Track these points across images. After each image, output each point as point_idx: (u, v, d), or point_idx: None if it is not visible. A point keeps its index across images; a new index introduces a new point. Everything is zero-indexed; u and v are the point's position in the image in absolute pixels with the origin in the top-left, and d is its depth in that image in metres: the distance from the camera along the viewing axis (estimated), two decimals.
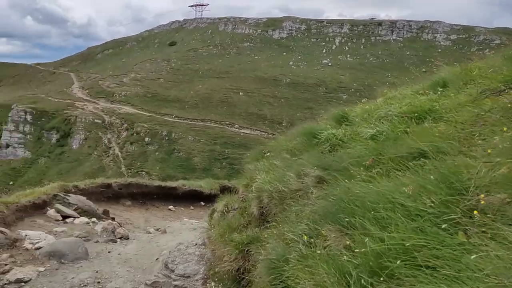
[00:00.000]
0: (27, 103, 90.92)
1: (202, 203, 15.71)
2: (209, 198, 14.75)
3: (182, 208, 15.10)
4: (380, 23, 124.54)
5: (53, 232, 9.29)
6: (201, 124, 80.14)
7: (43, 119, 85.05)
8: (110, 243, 9.28)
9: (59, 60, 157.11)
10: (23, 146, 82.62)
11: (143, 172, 68.60)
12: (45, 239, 8.37)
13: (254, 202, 5.32)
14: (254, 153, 7.81)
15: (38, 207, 10.58)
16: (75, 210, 11.16)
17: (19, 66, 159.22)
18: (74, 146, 77.81)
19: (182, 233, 10.18)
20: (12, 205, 9.57)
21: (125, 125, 79.94)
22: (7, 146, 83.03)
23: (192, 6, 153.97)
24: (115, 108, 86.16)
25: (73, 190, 12.59)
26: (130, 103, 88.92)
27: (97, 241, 9.26)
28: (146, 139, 75.23)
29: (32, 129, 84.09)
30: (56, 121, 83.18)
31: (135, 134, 76.84)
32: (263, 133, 79.06)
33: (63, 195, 11.59)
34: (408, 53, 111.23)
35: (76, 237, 9.07)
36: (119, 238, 9.77)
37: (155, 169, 68.87)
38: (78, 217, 10.87)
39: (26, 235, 8.42)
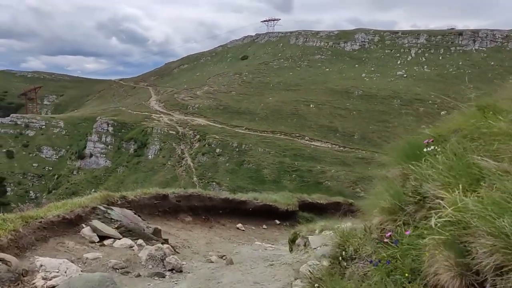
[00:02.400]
0: (109, 115, 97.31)
1: (277, 221, 13.39)
2: (285, 216, 12.92)
3: (253, 227, 12.65)
4: (460, 33, 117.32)
5: (82, 260, 7.14)
6: (271, 136, 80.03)
7: (123, 131, 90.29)
8: (156, 278, 6.94)
9: (139, 75, 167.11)
10: (104, 155, 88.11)
11: (214, 183, 69.69)
12: (65, 272, 6.19)
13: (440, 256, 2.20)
14: (402, 146, 4.01)
15: (70, 224, 8.18)
16: (117, 228, 8.70)
17: (105, 82, 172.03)
18: (149, 156, 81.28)
19: (254, 269, 7.73)
20: (34, 222, 7.26)
21: (198, 136, 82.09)
22: (91, 155, 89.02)
23: (264, 21, 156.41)
24: (188, 120, 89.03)
25: (119, 201, 10.05)
26: (203, 115, 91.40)
27: (139, 275, 6.91)
28: (217, 150, 76.52)
29: (113, 139, 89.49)
30: (134, 132, 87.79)
31: (206, 145, 78.54)
32: (334, 145, 77.06)
33: (104, 209, 9.11)
34: (492, 63, 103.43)
35: (111, 268, 6.99)
36: (169, 270, 7.41)
37: (226, 180, 69.63)
38: (119, 238, 8.50)
39: (42, 265, 6.23)
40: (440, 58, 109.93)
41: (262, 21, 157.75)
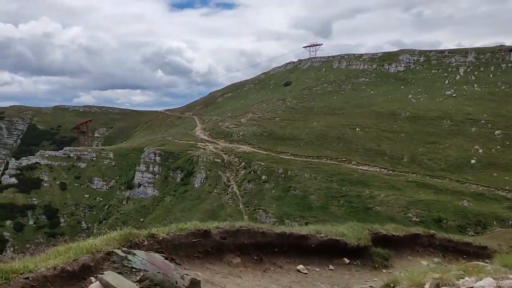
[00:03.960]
0: (156, 145, 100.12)
1: (346, 260, 10.82)
2: (355, 252, 10.58)
3: (317, 269, 10.23)
4: (511, 49, 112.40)
5: None
6: (316, 161, 78.96)
7: (169, 160, 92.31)
8: None
9: (185, 105, 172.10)
10: (152, 185, 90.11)
11: (260, 210, 69.21)
12: None
13: None
14: None
15: (73, 278, 6.01)
16: (139, 282, 6.16)
17: (151, 113, 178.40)
18: (196, 185, 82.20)
19: None
20: (17, 277, 5.30)
21: (243, 163, 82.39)
22: (139, 185, 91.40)
23: (306, 46, 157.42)
24: (233, 148, 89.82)
25: (145, 242, 7.87)
26: (248, 142, 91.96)
27: None
28: (263, 177, 76.29)
29: (160, 169, 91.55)
30: (180, 161, 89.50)
31: (252, 172, 78.57)
32: (383, 169, 74.75)
33: (123, 254, 6.78)
34: None
35: None
36: None
37: (272, 207, 68.98)
38: None
39: None
40: (491, 76, 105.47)
41: (304, 47, 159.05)
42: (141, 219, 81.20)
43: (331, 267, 10.49)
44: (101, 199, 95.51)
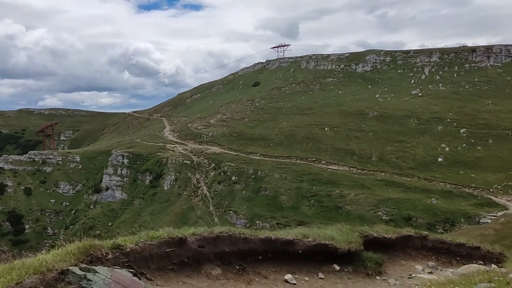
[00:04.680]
0: (124, 148, 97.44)
1: (336, 267, 9.77)
2: (347, 258, 9.60)
3: (306, 278, 9.15)
4: (473, 50, 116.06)
5: None
6: (287, 161, 78.67)
7: (138, 162, 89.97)
8: None
9: (153, 107, 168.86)
10: (120, 188, 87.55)
11: (231, 211, 68.21)
12: None
13: None
14: None
15: None
16: None
17: (119, 115, 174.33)
18: (165, 187, 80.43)
19: None
20: None
21: (213, 164, 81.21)
22: (107, 188, 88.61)
23: (274, 47, 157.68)
24: (203, 149, 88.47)
25: (110, 255, 6.55)
26: (217, 143, 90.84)
27: None
28: (233, 178, 75.35)
29: (129, 172, 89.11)
30: (149, 164, 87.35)
31: (222, 173, 77.48)
32: (352, 168, 75.17)
33: (81, 272, 5.44)
34: (509, 79, 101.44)
35: None
36: None
37: (243, 208, 68.09)
38: None
39: None
40: (455, 75, 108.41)
41: (272, 48, 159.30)
42: (109, 223, 78.75)
43: (321, 275, 9.48)
44: (68, 203, 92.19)
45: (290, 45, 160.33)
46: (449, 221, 57.37)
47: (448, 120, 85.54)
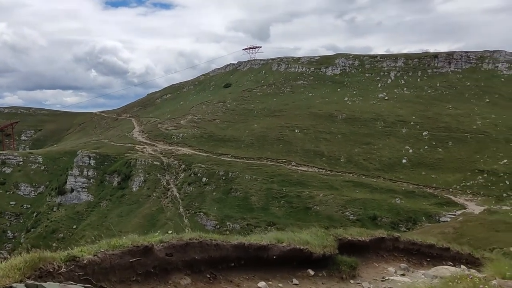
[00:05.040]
0: (91, 148, 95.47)
1: (311, 272, 9.47)
2: (322, 262, 9.31)
3: (280, 285, 8.94)
4: (436, 56, 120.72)
5: None
6: (257, 163, 79.40)
7: (105, 163, 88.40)
8: None
9: (122, 107, 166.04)
10: (86, 190, 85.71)
11: (201, 213, 68.29)
12: None
13: None
14: None
15: None
16: None
17: (85, 115, 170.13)
18: (134, 189, 79.49)
19: None
20: None
21: (183, 166, 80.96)
22: (72, 190, 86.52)
23: (246, 49, 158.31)
24: (173, 150, 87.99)
25: (63, 268, 5.88)
26: (188, 144, 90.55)
27: None
28: (204, 179, 75.41)
29: (95, 173, 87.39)
30: (117, 165, 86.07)
31: (192, 175, 77.39)
32: (321, 169, 76.77)
33: None
34: (468, 83, 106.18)
35: None
36: None
37: (213, 210, 68.30)
38: None
39: None
40: (419, 80, 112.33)
41: (243, 49, 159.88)
42: (74, 226, 77.08)
43: (295, 281, 9.16)
44: (29, 206, 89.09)
45: (261, 47, 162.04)
46: (411, 220, 59.73)
47: (412, 123, 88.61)
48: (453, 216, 56.77)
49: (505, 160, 71.50)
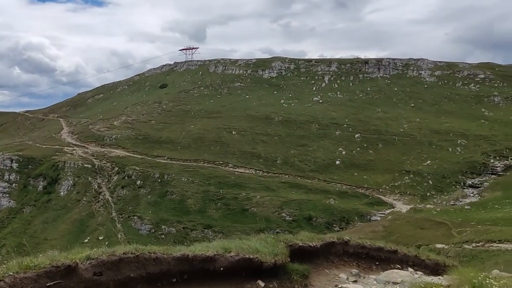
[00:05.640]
0: (13, 150, 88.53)
1: (261, 283, 8.68)
2: (272, 272, 8.55)
3: None
4: (366, 61, 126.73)
5: None
6: (194, 165, 78.26)
7: (29, 166, 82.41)
8: None
9: (48, 107, 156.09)
10: (8, 195, 79.30)
11: (135, 217, 65.90)
12: None
13: None
14: None
15: None
16: None
17: (8, 115, 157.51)
18: (61, 193, 74.92)
19: None
20: None
21: (116, 168, 77.76)
22: None
23: (183, 49, 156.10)
24: (105, 152, 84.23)
25: None
26: (121, 146, 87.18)
27: None
28: (138, 182, 72.93)
29: (18, 177, 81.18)
30: (43, 168, 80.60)
31: (126, 178, 74.54)
32: (258, 171, 77.32)
33: None
34: (395, 89, 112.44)
35: None
36: None
37: (148, 213, 66.18)
38: None
39: None
40: (351, 84, 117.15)
41: (180, 50, 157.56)
42: None
43: None
44: None
45: (198, 48, 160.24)
46: (344, 220, 61.96)
47: (345, 125, 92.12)
48: (383, 215, 59.71)
49: (429, 161, 76.51)
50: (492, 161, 76.42)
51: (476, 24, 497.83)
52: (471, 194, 68.04)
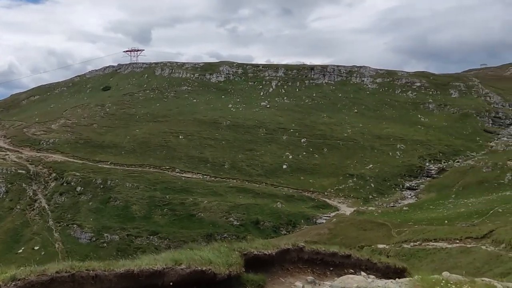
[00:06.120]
0: None
1: None
2: (227, 283, 8.13)
3: None
4: (312, 68, 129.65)
5: None
6: (139, 170, 75.86)
7: None
8: None
9: None
10: None
11: (75, 225, 62.66)
12: None
13: None
14: None
15: None
16: None
17: None
18: None
19: None
20: None
21: (54, 174, 73.65)
22: None
23: (127, 51, 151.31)
24: (41, 157, 79.56)
25: None
26: (60, 150, 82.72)
27: None
28: (78, 188, 69.45)
29: None
30: None
31: (65, 184, 70.77)
32: (206, 176, 76.39)
33: None
34: (340, 95, 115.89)
35: None
36: None
37: (89, 221, 63.14)
38: None
39: None
40: (297, 90, 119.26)
41: (124, 51, 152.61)
42: None
43: None
44: None
45: (143, 50, 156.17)
46: (291, 223, 62.68)
47: (291, 130, 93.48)
48: (328, 217, 61.00)
49: (371, 165, 79.47)
50: (427, 164, 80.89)
51: (412, 35, 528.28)
52: (409, 196, 71.58)
